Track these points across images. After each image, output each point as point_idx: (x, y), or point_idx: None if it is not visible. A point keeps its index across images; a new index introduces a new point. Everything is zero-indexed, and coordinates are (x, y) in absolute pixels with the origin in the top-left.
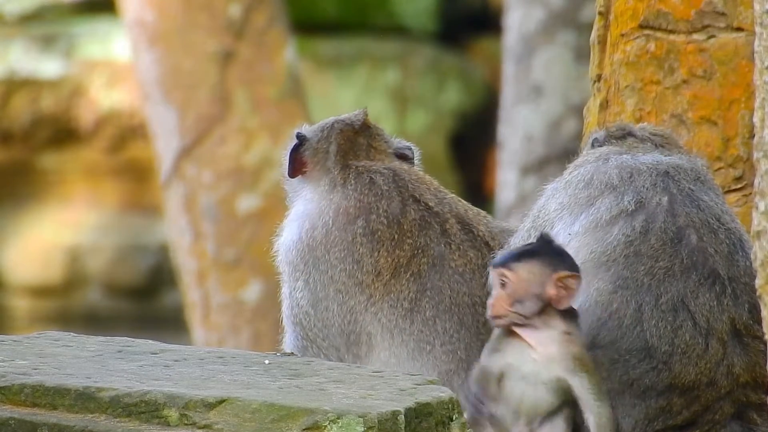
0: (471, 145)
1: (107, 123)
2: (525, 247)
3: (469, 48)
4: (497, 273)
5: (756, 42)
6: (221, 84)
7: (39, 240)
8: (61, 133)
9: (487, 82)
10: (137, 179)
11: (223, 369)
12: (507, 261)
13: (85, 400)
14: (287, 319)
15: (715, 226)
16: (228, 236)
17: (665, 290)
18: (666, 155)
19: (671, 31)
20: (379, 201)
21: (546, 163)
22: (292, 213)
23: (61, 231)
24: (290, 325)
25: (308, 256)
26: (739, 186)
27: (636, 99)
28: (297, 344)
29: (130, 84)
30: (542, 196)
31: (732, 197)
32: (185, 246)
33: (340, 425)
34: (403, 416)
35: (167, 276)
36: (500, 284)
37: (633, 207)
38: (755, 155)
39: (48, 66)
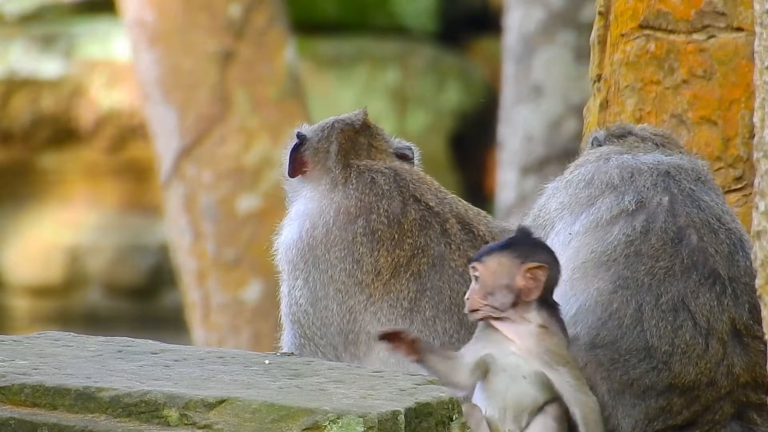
0: (471, 145)
1: (107, 123)
2: (499, 241)
3: (469, 48)
4: (471, 267)
5: (756, 42)
6: (221, 84)
7: (39, 240)
8: (61, 133)
9: (487, 82)
10: (137, 179)
11: (223, 369)
12: (479, 255)
13: (85, 400)
14: (285, 317)
15: (716, 226)
16: (228, 236)
17: (665, 290)
18: (667, 155)
19: (671, 31)
20: (380, 200)
21: (546, 163)
22: (293, 212)
23: (61, 231)
24: (288, 323)
25: (308, 255)
26: (739, 186)
27: (636, 99)
28: (295, 342)
29: (130, 84)
30: (543, 195)
31: (732, 197)
32: (185, 246)
33: (340, 425)
34: (403, 416)
35: (167, 276)
36: (474, 278)
37: (634, 207)
38: (755, 155)
39: (48, 66)
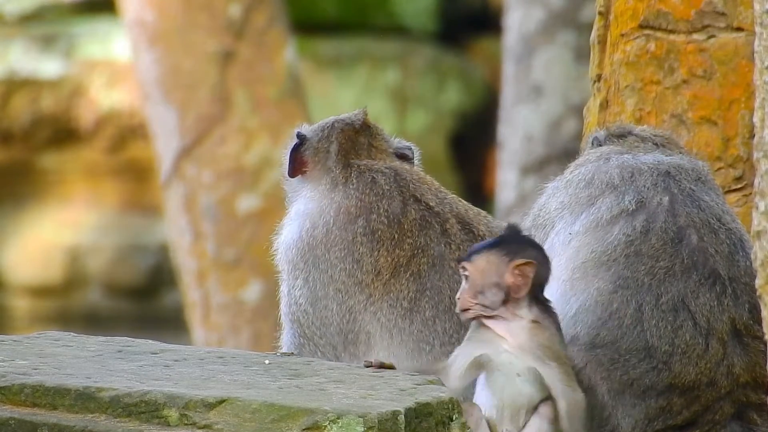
0: (471, 145)
1: (107, 123)
2: (488, 240)
3: (469, 48)
4: (460, 267)
5: (756, 42)
6: (221, 84)
7: (39, 240)
8: (61, 133)
9: (487, 82)
10: (137, 179)
11: (223, 369)
12: (468, 254)
13: (85, 400)
14: (285, 317)
15: (716, 226)
16: (228, 236)
17: (666, 290)
18: (667, 155)
19: (671, 31)
20: (380, 200)
21: (546, 163)
22: (293, 212)
23: (61, 231)
24: (288, 323)
25: (308, 255)
26: (739, 186)
27: (636, 99)
28: (294, 342)
29: (130, 84)
30: (543, 195)
31: (732, 197)
32: (185, 246)
33: (340, 425)
34: (403, 416)
35: (167, 276)
36: (464, 278)
37: (634, 207)
38: (755, 155)
39: (48, 66)
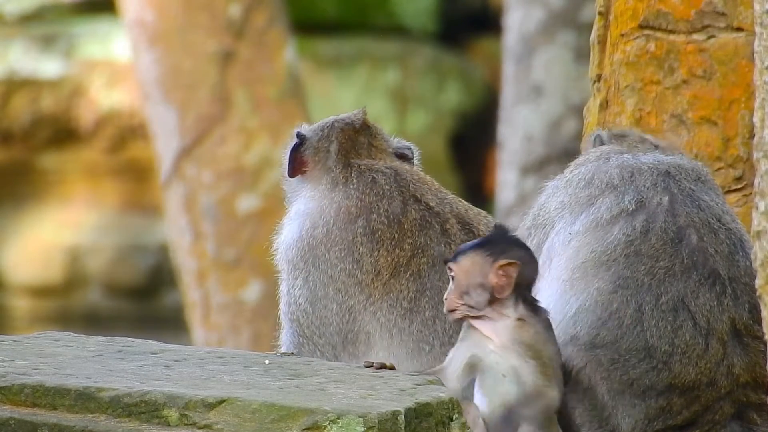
0: (471, 145)
1: (107, 123)
2: (474, 240)
3: (469, 48)
4: (447, 268)
5: (756, 42)
6: (221, 84)
7: (39, 240)
8: (61, 133)
9: (487, 82)
10: (137, 179)
11: (223, 369)
12: (454, 255)
13: (85, 400)
14: (284, 316)
15: (716, 226)
16: (228, 236)
17: (665, 290)
18: (667, 155)
19: (671, 31)
20: (381, 200)
21: (546, 163)
22: (293, 211)
23: (61, 231)
24: (287, 322)
25: (308, 255)
26: (739, 186)
27: (636, 99)
28: (293, 341)
29: (130, 84)
30: (543, 194)
31: (732, 197)
32: (185, 246)
33: (340, 425)
34: (403, 416)
35: (167, 276)
36: (451, 278)
37: (633, 206)
38: (755, 155)
39: (48, 66)
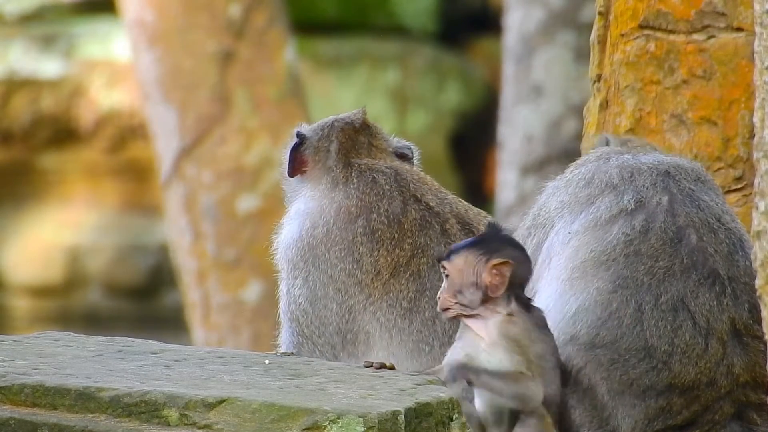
0: (471, 145)
1: (107, 123)
2: (467, 239)
3: (469, 48)
4: (440, 266)
5: (756, 42)
6: (221, 84)
7: (39, 240)
8: (61, 133)
9: (487, 82)
10: (137, 179)
11: (223, 369)
12: (447, 253)
13: (85, 400)
14: (284, 316)
15: (715, 226)
16: (228, 236)
17: (665, 290)
18: (667, 155)
19: (671, 31)
20: (381, 200)
21: (546, 163)
22: (292, 211)
23: (61, 231)
24: (287, 322)
25: (308, 255)
26: (739, 186)
27: (636, 99)
28: (293, 340)
29: (130, 84)
30: (543, 194)
31: (732, 197)
32: (185, 246)
33: (340, 425)
34: (403, 416)
35: (167, 276)
36: (444, 277)
37: (633, 206)
38: (755, 155)
39: (48, 66)
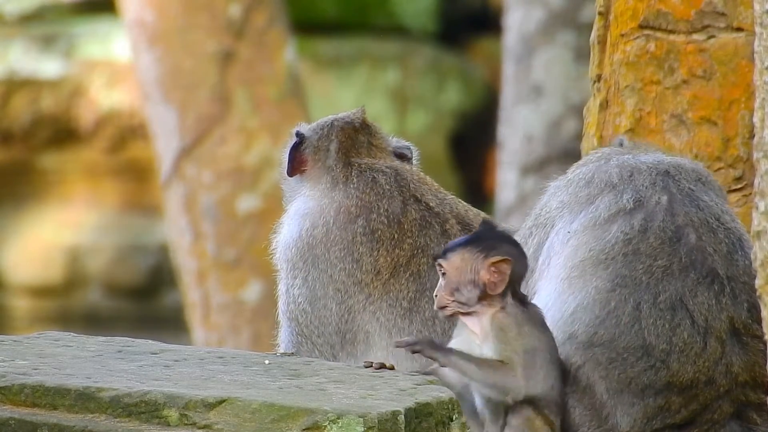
0: (471, 145)
1: (107, 123)
2: (463, 237)
3: (469, 48)
4: (437, 265)
5: (756, 42)
6: (221, 84)
7: (39, 240)
8: (61, 133)
9: (487, 82)
10: (137, 179)
11: (223, 369)
12: (444, 251)
13: (85, 400)
14: (283, 315)
15: (715, 226)
16: (228, 236)
17: (663, 289)
18: (668, 155)
19: (671, 31)
20: (381, 200)
21: (546, 163)
22: (292, 210)
23: (61, 231)
24: (286, 321)
25: (308, 255)
26: (739, 186)
27: (636, 99)
28: (292, 340)
29: (130, 84)
30: (545, 194)
31: (732, 197)
32: (185, 246)
33: (340, 425)
34: (403, 416)
35: (167, 276)
36: (441, 275)
37: (632, 205)
38: (755, 155)
39: (48, 66)
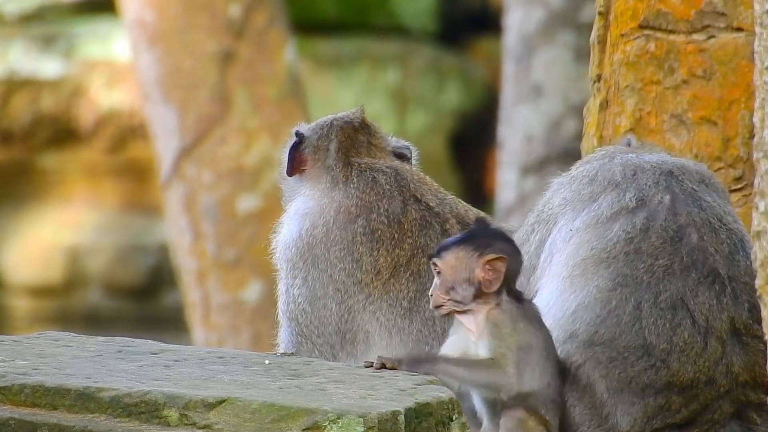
0: (471, 145)
1: (107, 123)
2: (457, 235)
3: (469, 48)
4: (431, 264)
5: (756, 42)
6: (221, 84)
7: (39, 240)
8: (61, 133)
9: (487, 82)
10: (137, 179)
11: (223, 369)
12: (438, 250)
13: (85, 400)
14: (283, 315)
15: (717, 226)
16: (228, 236)
17: (664, 288)
18: (672, 155)
19: (671, 31)
20: (381, 200)
21: (546, 163)
22: (291, 210)
23: (61, 231)
24: (285, 321)
25: (308, 254)
26: (739, 186)
27: (636, 99)
28: (291, 340)
29: (130, 84)
30: (548, 191)
31: (732, 197)
32: (185, 246)
33: (340, 425)
34: (403, 416)
35: (167, 276)
36: (436, 274)
37: (634, 204)
38: (755, 155)
39: (48, 66)
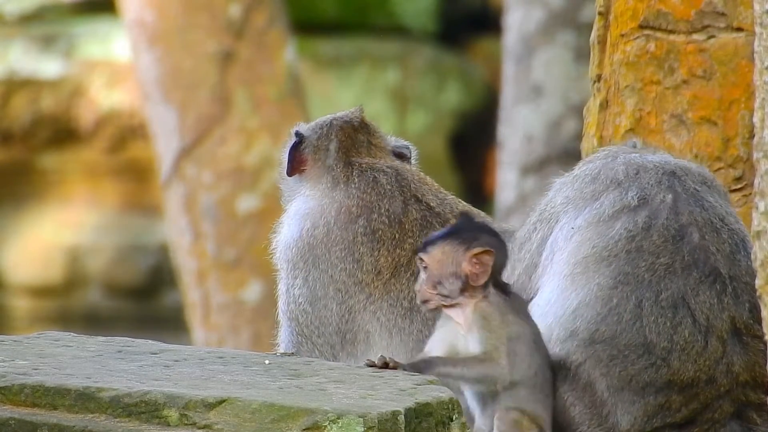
0: (471, 145)
1: (107, 123)
2: (443, 230)
3: (469, 48)
4: (418, 259)
5: (756, 42)
6: (221, 84)
7: (39, 240)
8: (61, 133)
9: (487, 82)
10: (137, 179)
11: (223, 369)
12: (424, 245)
13: (85, 400)
14: (283, 315)
15: (718, 226)
16: (228, 236)
17: (665, 287)
18: (675, 156)
19: (671, 31)
20: (382, 200)
21: (546, 163)
22: (292, 210)
23: (61, 231)
24: (286, 321)
25: (308, 255)
26: (739, 186)
27: (636, 99)
28: (291, 340)
29: (130, 84)
30: (551, 189)
31: (732, 197)
32: (185, 246)
33: (340, 425)
34: (403, 416)
35: (167, 276)
36: (422, 269)
37: (636, 202)
38: (755, 155)
39: (48, 66)
